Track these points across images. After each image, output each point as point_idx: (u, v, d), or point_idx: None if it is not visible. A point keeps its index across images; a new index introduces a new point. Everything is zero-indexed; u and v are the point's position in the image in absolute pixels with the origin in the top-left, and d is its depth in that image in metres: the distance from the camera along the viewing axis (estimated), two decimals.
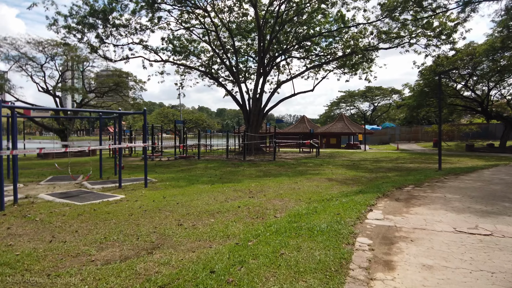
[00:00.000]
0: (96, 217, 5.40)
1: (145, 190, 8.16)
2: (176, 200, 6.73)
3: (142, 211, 5.78)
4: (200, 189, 8.13)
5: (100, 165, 11.10)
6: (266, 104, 24.46)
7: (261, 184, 8.85)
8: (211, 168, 13.68)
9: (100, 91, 33.23)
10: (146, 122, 8.60)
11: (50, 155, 23.06)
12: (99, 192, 8.02)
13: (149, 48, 21.93)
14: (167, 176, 11.14)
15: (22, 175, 11.58)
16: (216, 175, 11.34)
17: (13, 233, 4.66)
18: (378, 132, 46.16)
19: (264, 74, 24.25)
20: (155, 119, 50.55)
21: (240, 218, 5.21)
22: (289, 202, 6.47)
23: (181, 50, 24.32)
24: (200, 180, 9.90)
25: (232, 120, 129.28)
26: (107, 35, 20.45)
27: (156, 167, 14.64)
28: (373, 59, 24.78)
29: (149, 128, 24.67)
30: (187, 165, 15.19)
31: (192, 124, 51.28)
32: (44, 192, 8.14)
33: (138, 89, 35.03)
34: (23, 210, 6.14)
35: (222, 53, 24.84)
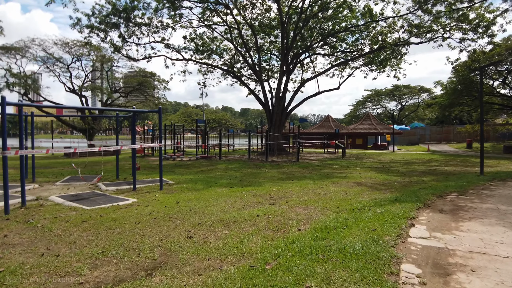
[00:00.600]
0: (100, 225, 4.90)
1: (159, 193, 7.66)
2: (190, 205, 6.16)
3: (151, 219, 5.23)
4: (217, 193, 7.54)
5: (117, 165, 10.76)
6: (290, 103, 23.70)
7: (283, 188, 8.16)
8: (232, 169, 13.11)
9: (125, 90, 33.55)
10: (161, 121, 8.10)
11: (75, 154, 23.33)
12: (112, 194, 7.59)
13: (171, 46, 21.73)
14: (185, 177, 10.65)
15: (42, 175, 11.44)
16: (236, 177, 10.75)
17: (8, 243, 4.22)
18: (407, 133, 44.24)
19: (288, 72, 23.50)
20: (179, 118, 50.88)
21: (258, 230, 4.55)
22: (314, 211, 5.74)
23: (203, 48, 23.98)
24: (219, 183, 9.32)
25: (256, 120, 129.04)
26: (129, 34, 20.35)
27: (176, 167, 14.24)
28: (403, 54, 23.45)
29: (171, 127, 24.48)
30: (208, 166, 14.70)
31: (215, 123, 51.22)
32: (56, 194, 7.81)
33: (162, 88, 35.15)
34: (28, 214, 5.75)
35: (244, 51, 24.29)
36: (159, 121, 8.06)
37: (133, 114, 8.21)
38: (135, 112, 8.27)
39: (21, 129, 6.20)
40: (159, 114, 8.01)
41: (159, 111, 8.00)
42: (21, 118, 6.20)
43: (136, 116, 9.05)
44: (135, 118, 8.27)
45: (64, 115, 29.68)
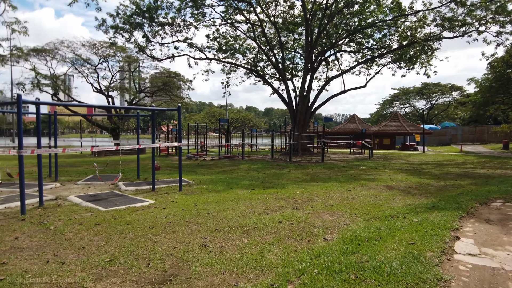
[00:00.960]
0: (113, 229, 4.64)
1: (178, 195, 7.39)
2: (208, 209, 5.83)
3: (166, 223, 4.93)
4: (238, 195, 7.17)
5: (137, 165, 10.63)
6: (314, 102, 23.08)
7: (307, 191, 7.69)
8: (254, 170, 12.74)
9: (150, 90, 33.95)
10: (180, 120, 7.84)
11: (102, 152, 23.76)
12: (130, 195, 7.39)
13: (194, 46, 21.62)
14: (206, 178, 10.38)
15: (66, 173, 11.51)
16: (258, 178, 10.36)
17: (17, 246, 4.02)
18: (437, 132, 42.33)
19: (312, 70, 22.88)
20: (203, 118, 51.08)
21: (280, 239, 4.14)
22: (342, 217, 5.25)
23: (226, 47, 23.75)
24: (240, 184, 8.97)
25: (279, 119, 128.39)
26: (153, 34, 20.42)
27: (198, 167, 14.04)
28: (434, 50, 22.24)
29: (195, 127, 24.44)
30: (230, 166, 14.41)
31: (239, 123, 51.09)
32: (75, 194, 7.71)
33: (186, 88, 35.32)
34: (43, 215, 5.60)
35: (268, 49, 23.87)
36: (178, 119, 7.80)
37: (152, 113, 7.99)
38: (154, 110, 8.05)
39: (38, 128, 6.08)
40: (178, 113, 7.74)
41: (178, 109, 7.73)
42: (39, 117, 6.08)
43: (156, 115, 8.85)
44: (155, 117, 8.06)
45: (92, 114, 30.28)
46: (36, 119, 6.11)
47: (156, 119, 9.56)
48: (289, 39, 25.54)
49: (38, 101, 6.10)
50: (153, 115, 7.94)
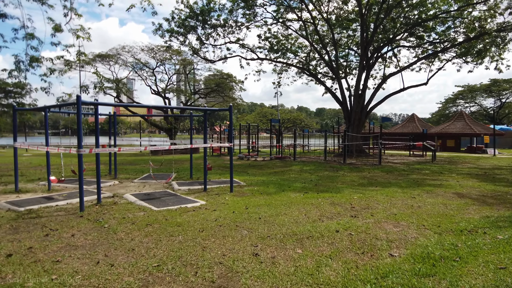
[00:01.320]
0: (163, 230, 4.56)
1: (229, 196, 7.24)
2: (260, 212, 5.57)
3: (216, 226, 4.75)
4: (290, 199, 6.84)
5: (190, 165, 10.75)
6: (370, 101, 21.91)
7: (366, 197, 7.11)
8: (307, 172, 12.29)
9: (204, 92, 34.85)
10: (232, 120, 7.71)
11: (159, 152, 24.80)
12: (182, 195, 7.40)
13: (245, 46, 21.65)
14: (257, 179, 10.18)
15: (125, 171, 12.03)
16: (311, 180, 9.93)
17: (72, 244, 4.08)
18: (509, 134, 38.16)
19: (367, 68, 21.75)
20: (254, 118, 51.48)
21: (339, 252, 3.73)
22: (408, 229, 4.68)
23: (278, 47, 23.46)
24: (292, 187, 8.61)
25: (332, 120, 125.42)
26: (206, 37, 20.79)
27: (249, 167, 13.93)
28: (508, 41, 19.93)
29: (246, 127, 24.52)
30: (281, 167, 14.10)
31: (290, 123, 50.65)
32: (131, 192, 7.92)
33: (238, 89, 35.73)
34: (100, 212, 5.75)
35: (320, 47, 23.17)
36: (230, 120, 7.67)
37: (204, 114, 7.95)
38: (206, 111, 8.00)
39: (97, 128, 6.26)
40: (229, 113, 7.61)
41: (229, 109, 7.60)
42: (97, 117, 6.27)
43: (208, 115, 8.84)
44: (207, 117, 8.01)
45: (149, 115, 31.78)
46: (95, 119, 6.30)
47: (208, 119, 9.56)
48: (342, 36, 24.58)
49: (96, 102, 6.30)
50: (205, 115, 7.90)
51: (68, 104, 6.40)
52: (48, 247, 3.97)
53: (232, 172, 8.01)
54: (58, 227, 4.82)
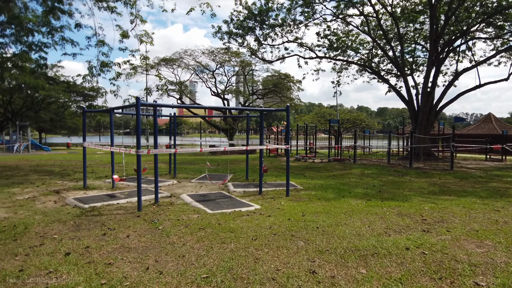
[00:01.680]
0: (215, 236, 4.38)
1: (285, 201, 6.91)
2: (317, 221, 5.15)
3: (270, 235, 4.45)
4: (351, 207, 6.30)
5: (246, 166, 10.62)
6: (440, 100, 20.00)
7: (439, 208, 6.30)
8: (368, 176, 11.49)
9: (261, 92, 34.97)
10: (289, 120, 7.38)
11: (218, 152, 25.34)
12: (237, 197, 7.24)
13: (304, 45, 21.11)
14: (315, 182, 9.70)
15: (184, 171, 12.31)
16: (374, 185, 9.20)
17: (126, 245, 4.07)
18: None
19: (437, 63, 19.87)
20: (312, 118, 50.48)
21: (410, 275, 3.19)
22: (496, 250, 3.94)
23: (338, 45, 22.52)
24: (353, 192, 8.01)
25: (395, 120, 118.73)
26: (264, 37, 20.67)
27: (306, 170, 13.46)
28: None
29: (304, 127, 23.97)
30: (340, 170, 13.40)
31: (350, 124, 48.79)
32: (188, 192, 7.97)
33: (296, 89, 35.27)
34: (156, 213, 5.78)
35: (384, 43, 21.78)
36: (287, 120, 7.34)
37: (260, 114, 7.72)
38: (262, 111, 7.76)
39: (155, 129, 6.34)
40: (286, 113, 7.28)
41: (286, 109, 7.26)
42: (155, 118, 6.34)
43: (264, 116, 8.60)
44: (263, 117, 7.77)
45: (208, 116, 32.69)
46: (154, 120, 6.38)
47: (265, 120, 9.34)
48: (408, 30, 22.81)
49: (155, 104, 6.38)
50: (261, 116, 7.66)
51: (130, 106, 6.57)
52: (104, 248, 4.00)
53: (289, 175, 7.67)
54: (116, 227, 4.89)
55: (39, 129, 45.05)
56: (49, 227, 4.93)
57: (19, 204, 6.49)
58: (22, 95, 32.70)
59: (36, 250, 3.93)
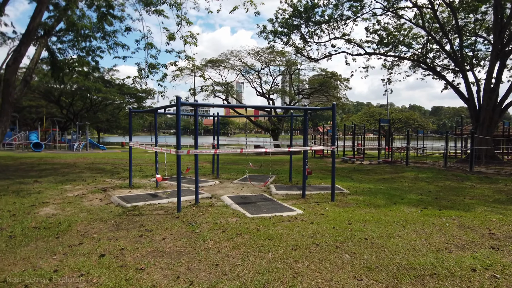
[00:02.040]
0: (253, 243, 4.11)
1: (330, 206, 6.46)
2: (365, 231, 4.67)
3: (312, 244, 4.08)
4: (404, 215, 5.70)
5: (290, 168, 10.24)
6: (505, 97, 18.04)
7: (509, 220, 5.47)
8: (423, 180, 10.58)
9: (307, 92, 34.28)
10: (335, 120, 6.90)
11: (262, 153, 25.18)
12: (278, 201, 6.91)
13: (352, 41, 20.19)
14: (362, 186, 9.09)
15: (227, 171, 12.24)
16: (429, 191, 8.38)
17: (160, 249, 3.93)
18: None
19: (502, 57, 17.93)
20: (361, 118, 48.60)
21: None
22: None
23: (388, 40, 21.23)
24: (406, 198, 7.33)
25: (451, 120, 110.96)
26: (310, 35, 20.10)
27: (354, 172, 12.77)
28: None
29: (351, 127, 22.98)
30: (391, 173, 12.53)
31: (401, 124, 46.29)
32: (229, 193, 7.81)
33: (343, 88, 34.11)
34: (195, 214, 5.65)
35: (440, 36, 20.17)
36: (333, 119, 6.87)
37: (304, 113, 7.32)
38: (307, 110, 7.35)
39: (196, 128, 6.23)
40: (332, 112, 6.81)
41: (332, 108, 6.80)
42: (196, 118, 6.22)
43: (309, 115, 8.19)
44: (307, 117, 7.37)
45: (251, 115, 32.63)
46: (194, 120, 6.27)
47: (311, 120, 8.92)
48: (468, 21, 20.91)
49: (195, 103, 6.26)
50: (305, 115, 7.27)
51: (171, 106, 6.53)
52: (138, 250, 3.89)
53: (334, 178, 7.19)
54: (154, 228, 4.81)
55: (97, 129, 48.23)
56: (91, 226, 4.98)
57: (68, 201, 6.73)
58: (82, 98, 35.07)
59: (74, 250, 3.93)
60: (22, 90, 11.68)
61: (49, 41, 13.03)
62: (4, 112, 10.96)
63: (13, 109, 11.35)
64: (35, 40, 12.16)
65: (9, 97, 10.95)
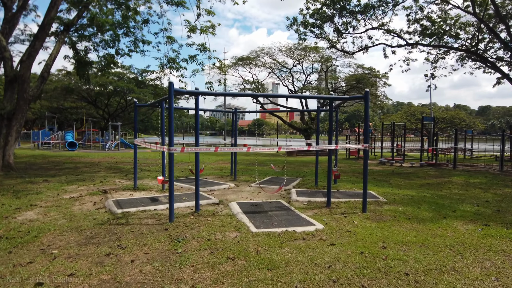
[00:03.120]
0: (244, 275, 2.97)
1: (360, 219, 5.15)
2: (407, 260, 3.36)
3: (327, 280, 2.87)
4: (459, 236, 4.29)
5: (316, 170, 8.96)
6: None
7: None
8: (476, 186, 8.88)
9: (342, 90, 32.50)
10: (368, 112, 5.56)
11: (293, 153, 23.91)
12: (297, 210, 5.70)
13: (391, 32, 18.31)
14: (403, 193, 7.62)
15: (250, 172, 11.20)
16: (487, 201, 6.78)
17: (118, 278, 2.91)
18: None
19: None
20: (401, 118, 45.62)
21: None
22: None
23: (432, 30, 19.01)
24: (458, 210, 5.84)
25: (500, 120, 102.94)
26: (344, 26, 18.50)
27: (392, 176, 11.22)
28: None
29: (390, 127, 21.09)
30: (436, 177, 10.85)
31: (446, 124, 42.88)
32: (241, 198, 6.72)
33: (381, 84, 31.96)
34: (189, 226, 4.61)
35: (495, 22, 17.81)
36: (366, 111, 5.56)
37: (330, 103, 6.05)
38: (333, 99, 6.07)
39: (197, 123, 5.20)
40: (365, 101, 5.48)
41: (365, 96, 5.47)
42: (197, 108, 5.18)
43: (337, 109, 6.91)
44: (333, 107, 6.10)
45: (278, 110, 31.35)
46: (195, 112, 5.24)
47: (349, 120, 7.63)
48: None
49: (196, 91, 5.23)
50: (330, 106, 5.99)
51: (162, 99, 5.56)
52: (90, 278, 2.90)
53: (367, 182, 5.85)
54: (130, 244, 3.82)
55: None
56: (60, 237, 4.11)
57: (57, 205, 5.96)
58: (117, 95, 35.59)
59: (14, 272, 3.02)
60: (39, 87, 11.31)
61: (73, 37, 12.65)
62: (20, 109, 10.62)
63: (27, 106, 10.98)
64: (54, 35, 11.81)
65: (24, 93, 10.59)
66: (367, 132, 5.95)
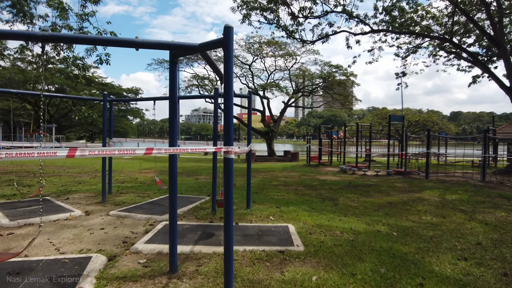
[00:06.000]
0: None
1: None
2: None
3: None
4: None
5: (213, 188, 5.87)
6: None
7: None
8: (455, 208, 6.08)
9: (307, 89, 29.87)
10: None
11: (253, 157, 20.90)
12: None
13: (354, 16, 15.56)
14: (343, 227, 4.64)
15: (145, 187, 7.99)
16: (477, 243, 3.89)
17: None
18: None
19: None
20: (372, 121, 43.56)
21: None
22: None
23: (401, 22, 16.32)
24: (432, 277, 2.89)
25: (471, 125, 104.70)
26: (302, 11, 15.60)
27: (346, 190, 8.34)
28: None
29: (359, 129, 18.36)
30: (403, 192, 8.04)
31: (418, 128, 41.19)
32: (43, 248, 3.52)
33: (349, 85, 29.55)
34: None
35: (471, 8, 15.49)
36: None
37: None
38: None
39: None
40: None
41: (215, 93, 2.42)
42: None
43: None
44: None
45: None
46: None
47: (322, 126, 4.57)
48: None
49: None
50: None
51: None
52: None
53: (232, 223, 2.83)
54: None
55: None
56: None
57: None
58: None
59: None
60: None
61: None
62: None
63: None
64: None
65: None
66: (230, 129, 2.95)
